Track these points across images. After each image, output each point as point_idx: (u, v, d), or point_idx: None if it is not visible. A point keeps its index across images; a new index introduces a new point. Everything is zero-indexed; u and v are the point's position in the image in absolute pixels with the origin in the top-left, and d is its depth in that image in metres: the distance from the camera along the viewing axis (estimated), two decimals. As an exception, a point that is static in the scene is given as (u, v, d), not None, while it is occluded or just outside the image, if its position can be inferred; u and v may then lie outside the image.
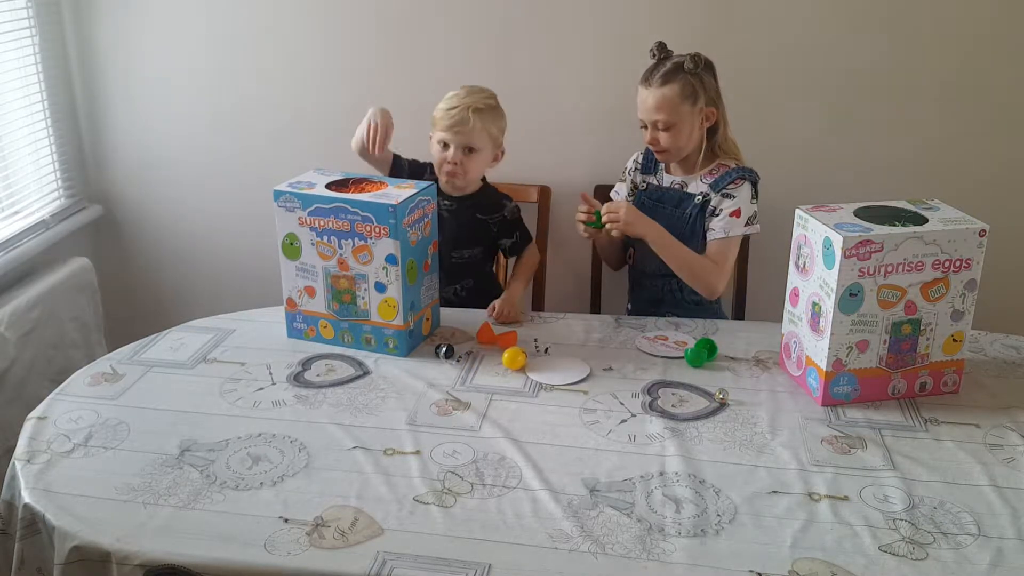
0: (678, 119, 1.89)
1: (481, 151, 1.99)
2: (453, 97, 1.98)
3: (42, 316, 2.24)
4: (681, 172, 2.02)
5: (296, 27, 2.40)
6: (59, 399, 1.61)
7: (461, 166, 1.98)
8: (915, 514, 1.30)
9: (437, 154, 2.01)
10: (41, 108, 2.44)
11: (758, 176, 1.97)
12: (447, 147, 1.97)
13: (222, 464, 1.41)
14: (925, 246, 1.52)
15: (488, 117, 1.97)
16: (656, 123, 1.90)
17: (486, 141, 1.98)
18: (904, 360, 1.59)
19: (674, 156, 1.97)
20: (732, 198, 1.93)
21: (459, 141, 1.96)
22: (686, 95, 1.88)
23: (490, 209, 2.07)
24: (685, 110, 1.89)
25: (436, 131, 1.99)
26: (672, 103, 1.88)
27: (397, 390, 1.65)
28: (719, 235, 1.93)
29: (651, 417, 1.56)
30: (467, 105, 1.95)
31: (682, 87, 1.88)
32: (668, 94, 1.88)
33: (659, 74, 1.89)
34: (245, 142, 2.53)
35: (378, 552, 1.21)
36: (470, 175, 2.02)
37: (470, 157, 1.98)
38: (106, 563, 1.21)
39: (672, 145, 1.92)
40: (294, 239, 1.77)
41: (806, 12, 2.22)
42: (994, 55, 2.21)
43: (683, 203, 1.98)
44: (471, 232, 2.05)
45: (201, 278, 2.69)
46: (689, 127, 1.91)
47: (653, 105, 1.89)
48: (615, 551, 1.22)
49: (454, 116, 1.94)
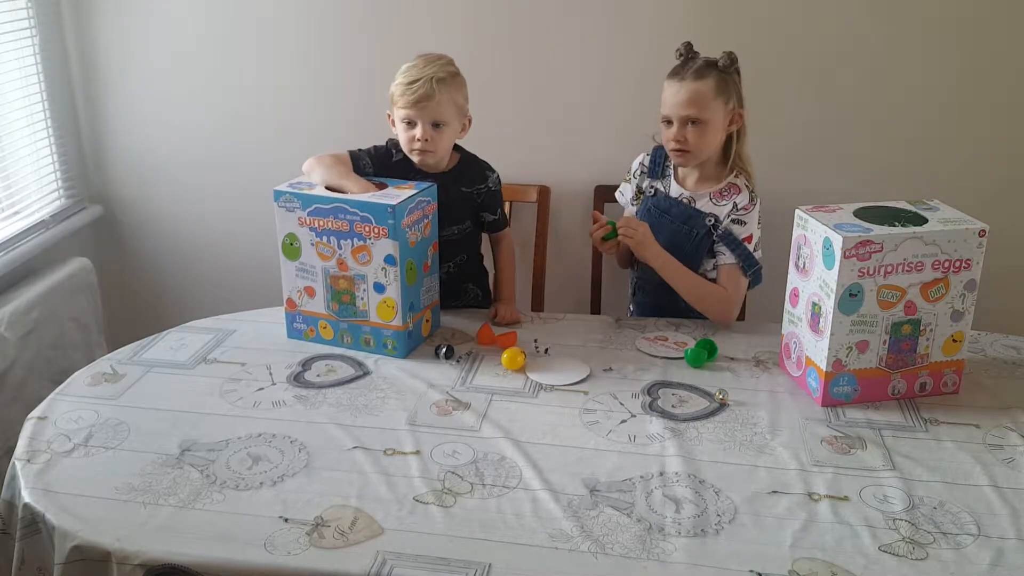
0: (709, 116, 1.83)
1: (449, 124, 1.85)
2: (411, 69, 1.84)
3: (42, 316, 2.23)
4: (693, 182, 1.95)
5: (296, 27, 2.40)
6: (59, 399, 1.61)
7: (431, 142, 1.85)
8: (915, 514, 1.30)
9: (402, 133, 1.87)
10: (41, 108, 2.44)
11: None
12: (413, 125, 1.84)
13: (222, 464, 1.41)
14: (925, 246, 1.52)
15: (452, 86, 1.84)
16: (685, 119, 1.83)
17: (453, 113, 1.85)
18: (904, 360, 1.59)
19: (696, 158, 1.89)
20: (743, 224, 1.88)
21: (425, 116, 1.82)
22: (720, 91, 1.83)
23: (473, 180, 1.96)
24: (717, 107, 1.84)
25: (397, 108, 1.85)
26: (705, 98, 1.82)
27: (397, 390, 1.65)
28: (730, 260, 1.89)
29: (651, 417, 1.56)
30: (429, 76, 1.80)
31: (717, 83, 1.83)
32: (703, 88, 1.82)
33: (692, 68, 1.84)
34: (245, 142, 2.53)
35: (378, 552, 1.21)
36: (440, 151, 1.89)
37: (439, 132, 1.84)
38: (106, 563, 1.21)
39: (698, 144, 1.85)
40: (294, 239, 1.77)
41: (806, 12, 2.22)
42: (994, 55, 2.21)
43: (691, 220, 1.92)
44: (458, 207, 1.94)
45: (201, 278, 2.69)
46: (717, 126, 1.86)
47: (685, 99, 1.82)
48: (615, 551, 1.22)
49: (416, 90, 1.80)
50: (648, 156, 2.04)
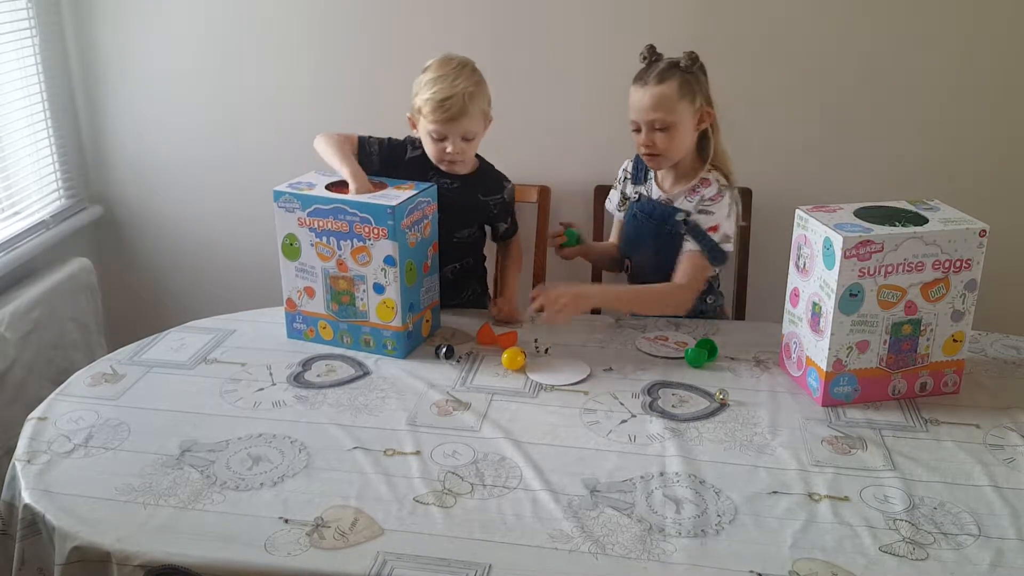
0: (676, 118, 1.82)
1: (478, 134, 1.88)
2: (440, 82, 1.81)
3: (42, 317, 2.24)
4: (669, 184, 1.95)
5: (296, 26, 2.40)
6: (59, 400, 1.61)
7: (462, 153, 1.87)
8: (915, 514, 1.30)
9: (430, 144, 1.87)
10: (41, 108, 2.44)
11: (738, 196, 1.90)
12: (443, 139, 1.85)
13: (222, 464, 1.41)
14: (925, 246, 1.52)
15: (481, 96, 1.85)
16: (653, 123, 1.83)
17: (481, 122, 1.87)
18: (904, 360, 1.59)
19: (668, 161, 1.89)
20: (710, 214, 1.85)
21: (457, 132, 1.83)
22: (684, 92, 1.82)
23: (492, 189, 1.99)
24: (683, 108, 1.82)
25: (427, 122, 1.84)
26: (670, 100, 1.81)
27: (397, 390, 1.65)
28: (692, 248, 1.85)
29: (651, 417, 1.56)
30: (461, 92, 1.79)
31: (680, 84, 1.81)
32: (666, 91, 1.81)
33: (655, 72, 1.82)
34: (245, 142, 2.53)
35: (378, 552, 1.21)
36: (470, 160, 1.93)
37: (470, 144, 1.87)
38: (106, 563, 1.21)
39: (668, 146, 1.84)
40: (294, 240, 1.77)
41: (806, 11, 2.22)
42: (994, 55, 2.21)
43: (670, 220, 1.90)
44: (473, 212, 1.98)
45: (201, 278, 2.69)
46: (686, 127, 1.84)
47: (650, 103, 1.82)
48: (615, 551, 1.22)
49: (449, 108, 1.79)
50: (631, 162, 2.05)
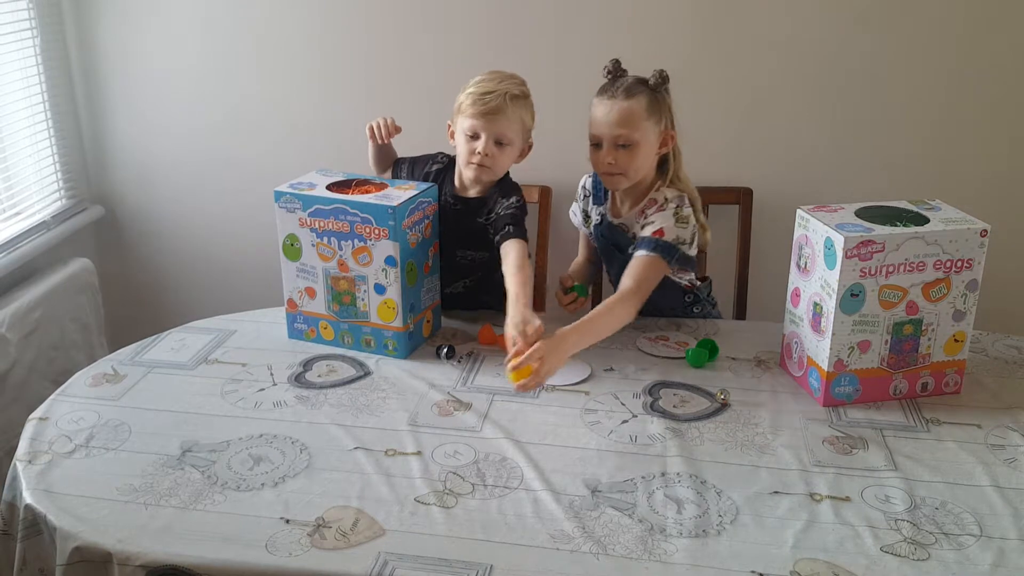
0: (640, 137, 1.74)
1: (512, 144, 1.80)
2: (485, 81, 1.78)
3: (43, 317, 2.24)
4: (626, 208, 1.87)
5: (296, 27, 2.40)
6: (60, 400, 1.61)
7: (491, 158, 1.79)
8: (917, 515, 1.30)
9: (463, 145, 1.80)
10: (42, 109, 2.44)
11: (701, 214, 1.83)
12: (476, 137, 1.78)
13: (223, 465, 1.41)
14: (926, 246, 1.52)
15: (523, 106, 1.79)
16: (616, 139, 1.75)
17: (518, 132, 1.80)
18: (905, 360, 1.59)
19: (627, 181, 1.80)
20: (651, 223, 1.77)
21: (492, 130, 1.76)
22: (652, 111, 1.75)
23: (491, 211, 1.86)
24: (649, 127, 1.75)
25: (463, 118, 1.78)
26: (637, 117, 1.73)
27: (398, 391, 1.65)
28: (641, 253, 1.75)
29: (652, 418, 1.56)
30: (503, 91, 1.75)
31: (648, 102, 1.75)
32: (634, 107, 1.73)
33: (623, 86, 1.75)
34: (246, 142, 2.53)
35: (379, 553, 1.21)
36: (498, 170, 1.83)
37: (501, 150, 1.79)
38: (107, 564, 1.21)
39: (629, 166, 1.77)
40: (295, 240, 1.77)
41: (806, 11, 2.22)
42: (994, 54, 2.21)
43: (628, 246, 1.83)
44: (476, 235, 1.88)
45: (202, 278, 2.69)
46: (649, 147, 1.77)
47: (616, 119, 1.73)
48: (616, 552, 1.22)
49: (488, 102, 1.74)
50: (590, 179, 1.97)
